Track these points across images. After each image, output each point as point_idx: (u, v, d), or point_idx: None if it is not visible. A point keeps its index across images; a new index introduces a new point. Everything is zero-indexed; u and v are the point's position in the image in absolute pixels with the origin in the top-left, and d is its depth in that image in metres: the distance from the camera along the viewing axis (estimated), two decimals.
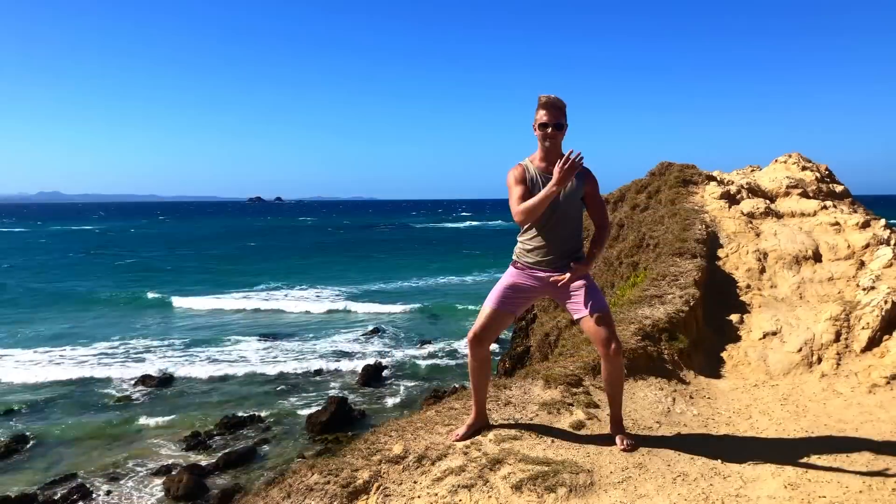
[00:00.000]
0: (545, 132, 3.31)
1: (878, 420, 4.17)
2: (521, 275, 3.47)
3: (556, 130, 3.29)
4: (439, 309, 30.85)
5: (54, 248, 69.56)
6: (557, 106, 3.29)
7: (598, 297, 3.38)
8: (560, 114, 3.30)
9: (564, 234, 3.38)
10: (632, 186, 13.74)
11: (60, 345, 23.73)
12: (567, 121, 3.35)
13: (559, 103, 3.30)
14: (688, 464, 3.33)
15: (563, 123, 3.31)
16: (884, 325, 5.53)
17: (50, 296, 35.25)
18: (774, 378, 5.40)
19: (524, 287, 3.46)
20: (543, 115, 3.30)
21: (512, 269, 3.52)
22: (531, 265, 3.43)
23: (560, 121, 3.30)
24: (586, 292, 3.37)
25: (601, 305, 3.35)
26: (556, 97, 3.30)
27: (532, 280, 3.44)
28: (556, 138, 3.31)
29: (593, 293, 3.38)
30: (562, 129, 3.31)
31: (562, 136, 3.34)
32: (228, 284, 39.94)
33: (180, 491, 11.88)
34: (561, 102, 3.31)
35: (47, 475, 12.96)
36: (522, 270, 3.46)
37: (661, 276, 7.07)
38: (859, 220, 8.19)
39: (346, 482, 3.12)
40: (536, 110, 3.34)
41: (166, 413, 16.61)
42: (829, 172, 12.18)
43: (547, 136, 3.31)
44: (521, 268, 3.47)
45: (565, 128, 3.34)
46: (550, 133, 3.30)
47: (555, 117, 3.29)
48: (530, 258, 3.43)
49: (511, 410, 3.92)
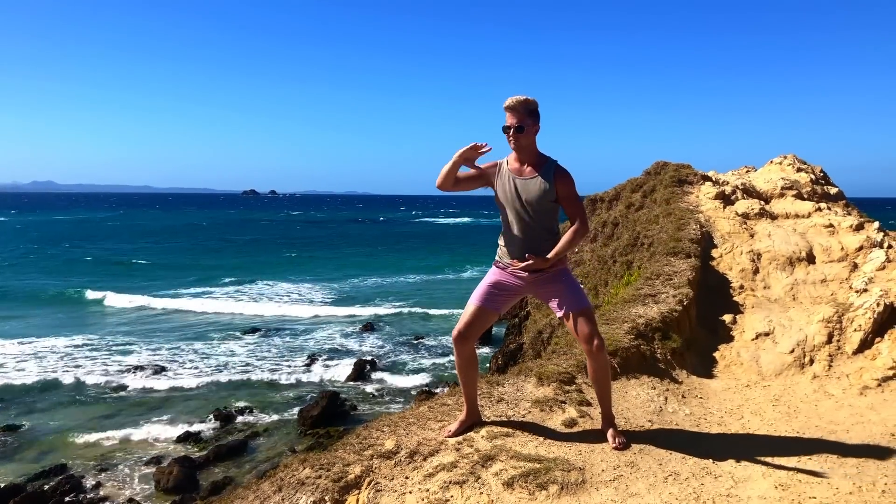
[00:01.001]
0: (507, 135, 3.35)
1: (869, 422, 4.18)
2: (502, 273, 3.50)
3: (517, 133, 3.31)
4: (433, 305, 30.84)
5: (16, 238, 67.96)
6: (517, 108, 3.30)
7: (579, 295, 3.40)
8: (521, 116, 3.30)
9: (534, 235, 3.38)
10: (627, 185, 13.78)
11: (45, 335, 23.61)
12: (534, 119, 3.33)
13: (519, 106, 3.29)
14: (679, 463, 3.33)
15: (523, 126, 3.30)
16: (876, 327, 5.56)
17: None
18: (766, 379, 5.41)
19: (507, 285, 3.48)
20: (506, 119, 3.33)
21: (494, 267, 3.55)
22: (509, 265, 3.46)
23: (521, 123, 3.30)
24: (568, 290, 3.39)
25: (582, 303, 3.38)
26: (518, 99, 3.29)
27: (513, 279, 3.47)
28: (518, 140, 3.33)
29: (575, 291, 3.40)
30: (522, 130, 3.31)
31: (526, 136, 3.33)
32: (214, 279, 39.78)
33: (170, 483, 11.85)
34: (523, 105, 3.29)
35: (36, 466, 12.90)
36: (503, 270, 3.49)
37: (655, 276, 7.08)
38: (853, 223, 8.22)
39: (338, 476, 3.11)
40: None
41: (157, 405, 16.55)
42: (824, 174, 12.22)
43: (509, 139, 3.35)
44: (501, 267, 3.51)
45: (528, 129, 3.32)
46: (512, 135, 3.33)
47: (515, 120, 3.30)
48: (507, 259, 3.47)
49: (504, 407, 3.91)
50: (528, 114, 3.31)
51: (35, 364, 19.94)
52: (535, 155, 3.39)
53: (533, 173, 3.35)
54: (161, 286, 36.26)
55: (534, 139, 3.37)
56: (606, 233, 12.71)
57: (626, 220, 12.04)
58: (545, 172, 3.35)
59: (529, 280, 3.43)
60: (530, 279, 3.43)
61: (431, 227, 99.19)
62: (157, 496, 11.80)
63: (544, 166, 3.37)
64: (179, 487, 11.80)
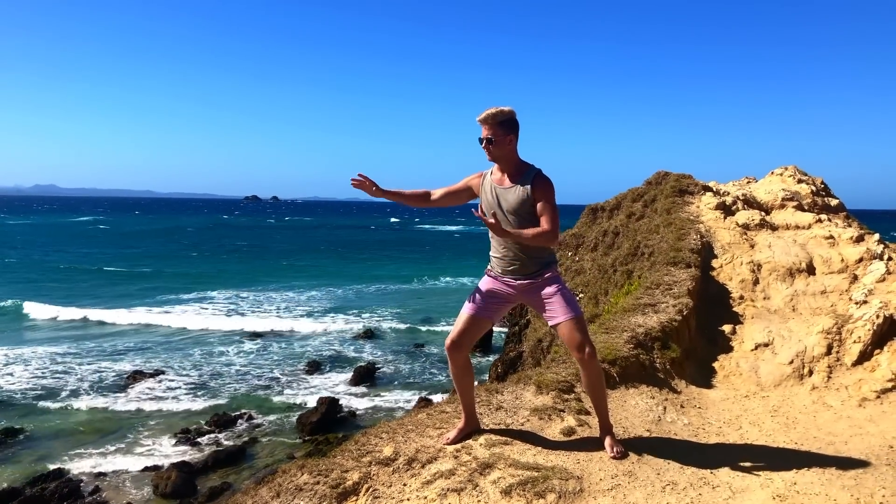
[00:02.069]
0: (482, 147, 3.40)
1: (868, 434, 4.18)
2: (494, 282, 3.53)
3: (489, 144, 3.35)
4: (434, 312, 30.82)
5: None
6: (487, 121, 3.33)
7: (571, 303, 3.41)
8: (491, 128, 3.33)
9: (518, 244, 3.38)
10: (628, 195, 13.80)
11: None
12: (505, 130, 3.34)
13: (490, 118, 3.32)
14: (677, 473, 3.33)
15: (492, 138, 3.33)
16: (875, 339, 5.56)
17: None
18: (765, 389, 5.41)
19: (499, 294, 3.51)
20: (481, 131, 3.38)
21: (486, 276, 3.58)
22: (500, 274, 3.50)
23: (490, 136, 3.33)
24: (559, 298, 3.40)
25: (573, 311, 3.39)
26: (489, 112, 3.32)
27: (505, 287, 3.49)
28: (490, 152, 3.38)
29: (566, 299, 3.41)
30: (492, 142, 3.34)
31: (497, 147, 3.35)
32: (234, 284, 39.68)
33: (169, 488, 11.83)
34: (493, 117, 3.32)
35: (34, 470, 12.87)
36: (495, 279, 3.53)
37: (655, 285, 7.09)
38: (853, 234, 8.23)
39: (336, 483, 3.11)
40: None
41: (156, 410, 16.55)
42: (825, 186, 12.24)
43: (484, 150, 3.40)
44: (493, 276, 3.54)
45: (499, 139, 3.34)
46: (484, 147, 3.38)
47: (487, 132, 3.34)
48: (498, 268, 3.50)
49: (502, 415, 3.92)
50: (498, 125, 3.33)
51: (30, 369, 19.93)
52: (516, 164, 3.41)
53: (513, 182, 3.39)
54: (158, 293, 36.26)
55: (511, 148, 3.39)
56: (607, 242, 12.73)
57: (626, 229, 12.06)
58: (524, 180, 3.37)
59: (521, 289, 3.46)
60: (522, 287, 3.45)
61: (431, 234, 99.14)
62: (156, 501, 11.77)
63: (524, 174, 3.39)
64: (178, 493, 11.78)
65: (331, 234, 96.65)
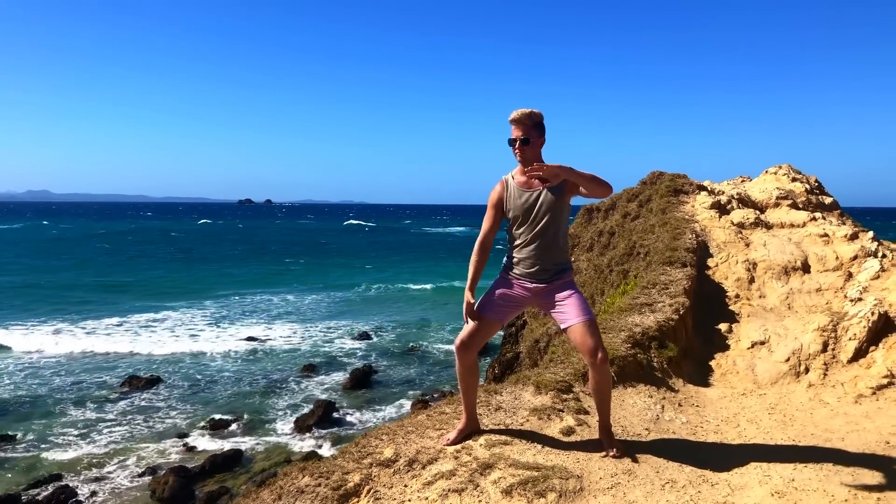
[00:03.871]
0: (513, 148, 3.39)
1: (864, 430, 4.21)
2: (509, 284, 3.52)
3: (523, 145, 3.34)
4: (431, 313, 30.81)
5: None
6: (523, 121, 3.33)
7: (584, 307, 3.41)
8: (526, 128, 3.33)
9: (546, 245, 3.41)
10: (623, 195, 13.82)
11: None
12: (540, 132, 3.37)
13: (525, 118, 3.33)
14: (676, 471, 3.35)
15: (529, 138, 3.33)
16: (870, 336, 5.60)
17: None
18: (762, 387, 5.44)
19: (512, 296, 3.50)
20: (511, 132, 3.37)
21: (500, 278, 3.56)
22: (518, 276, 3.48)
23: (526, 136, 3.33)
24: (573, 301, 3.40)
25: (587, 315, 3.38)
26: (524, 112, 3.33)
27: (520, 290, 3.49)
28: (524, 153, 3.36)
29: (579, 302, 3.41)
30: (528, 143, 3.34)
31: (532, 149, 3.36)
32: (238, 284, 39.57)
33: (166, 493, 11.79)
34: (528, 118, 3.33)
35: (31, 476, 12.82)
36: (510, 281, 3.51)
37: (652, 285, 7.11)
38: (848, 232, 8.28)
39: (337, 485, 3.12)
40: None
41: (153, 414, 16.50)
42: (819, 184, 12.31)
43: (515, 151, 3.39)
44: (509, 278, 3.52)
45: (534, 141, 3.35)
46: (518, 148, 3.36)
47: (521, 132, 3.33)
48: (517, 270, 3.49)
49: (502, 416, 3.93)
50: (533, 126, 3.34)
51: (26, 375, 19.85)
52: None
53: (541, 184, 3.38)
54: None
55: (539, 151, 3.40)
56: (603, 242, 12.75)
57: (622, 229, 12.09)
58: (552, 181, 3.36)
59: (536, 291, 3.45)
60: (538, 290, 3.45)
61: (429, 237, 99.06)
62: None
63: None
64: (175, 497, 11.74)
65: (326, 237, 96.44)
